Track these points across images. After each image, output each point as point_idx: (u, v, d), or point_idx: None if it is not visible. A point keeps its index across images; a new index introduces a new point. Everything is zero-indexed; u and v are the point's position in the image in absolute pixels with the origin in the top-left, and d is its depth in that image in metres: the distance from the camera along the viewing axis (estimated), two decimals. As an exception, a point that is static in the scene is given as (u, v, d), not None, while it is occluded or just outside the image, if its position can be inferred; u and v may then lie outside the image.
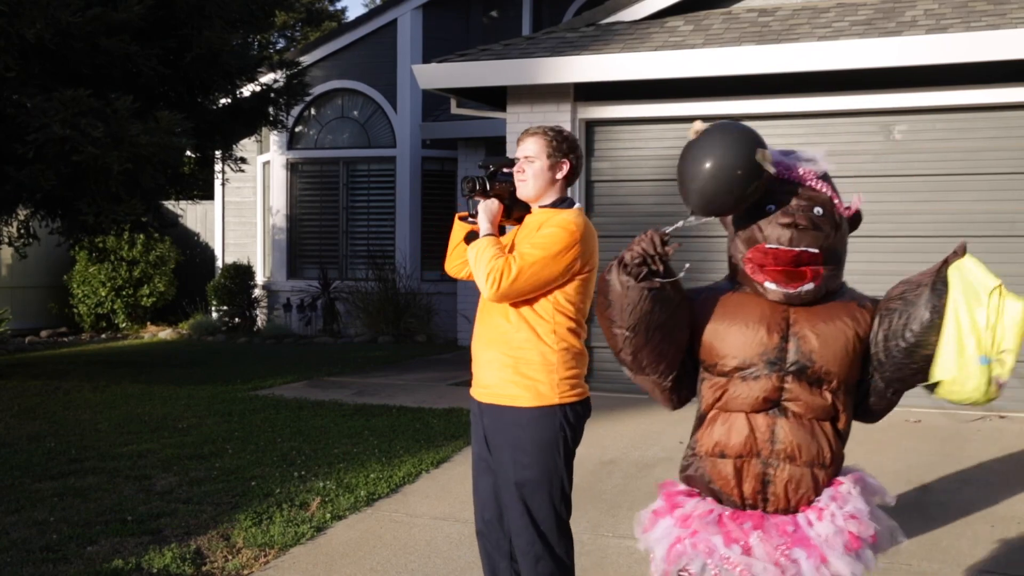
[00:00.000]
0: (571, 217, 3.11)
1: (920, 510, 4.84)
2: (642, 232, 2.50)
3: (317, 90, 12.99)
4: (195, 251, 15.35)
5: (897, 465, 5.64)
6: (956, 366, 2.42)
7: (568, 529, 3.18)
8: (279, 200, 13.64)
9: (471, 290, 7.74)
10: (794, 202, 2.52)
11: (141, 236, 13.10)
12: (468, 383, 3.30)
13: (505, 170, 3.25)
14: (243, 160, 11.06)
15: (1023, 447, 6.06)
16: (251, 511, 4.77)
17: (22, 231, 9.86)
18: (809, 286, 2.49)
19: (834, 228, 2.57)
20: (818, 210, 2.53)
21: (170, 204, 14.06)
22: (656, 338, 2.50)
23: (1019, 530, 4.52)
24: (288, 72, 11.08)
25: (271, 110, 10.92)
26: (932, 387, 2.50)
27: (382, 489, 5.20)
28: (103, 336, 13.70)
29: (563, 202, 3.20)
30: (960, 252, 2.55)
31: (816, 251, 2.48)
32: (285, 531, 4.49)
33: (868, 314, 2.57)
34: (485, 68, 8.11)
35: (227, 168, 11.06)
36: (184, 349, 11.98)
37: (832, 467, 2.57)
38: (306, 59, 12.94)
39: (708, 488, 2.56)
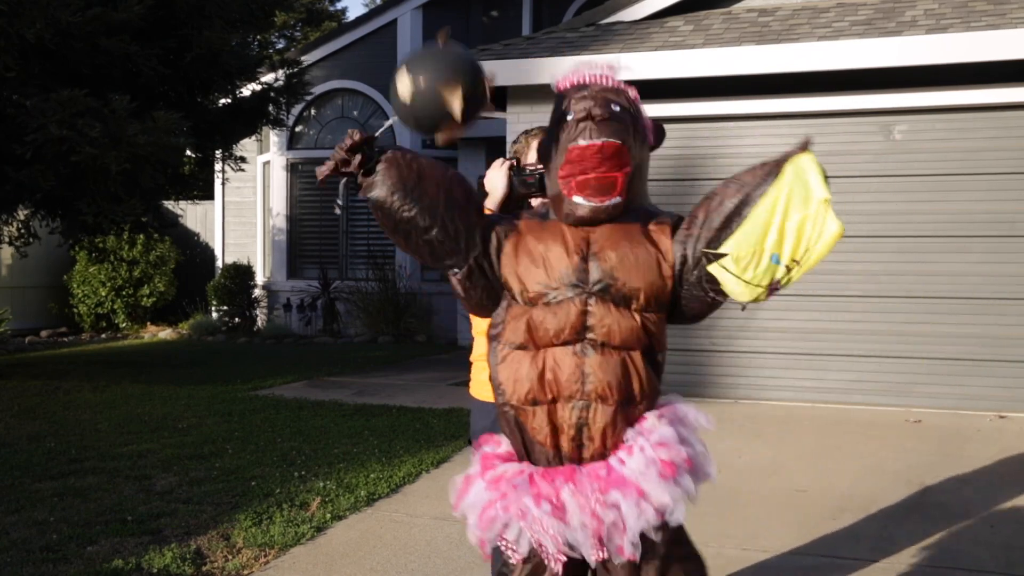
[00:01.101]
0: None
1: (920, 510, 4.84)
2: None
3: (317, 90, 12.99)
4: (195, 251, 15.35)
5: (897, 465, 5.64)
6: (750, 247, 2.32)
7: None
8: (279, 200, 13.64)
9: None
10: (589, 101, 2.42)
11: (141, 236, 13.10)
12: (466, 383, 3.30)
13: (531, 169, 3.11)
14: (243, 160, 11.06)
15: (1023, 447, 6.06)
16: (251, 511, 4.77)
17: (22, 231, 9.86)
18: (616, 200, 2.41)
19: (634, 124, 2.48)
20: (615, 105, 2.43)
21: (170, 204, 14.05)
22: (418, 220, 2.41)
23: (1019, 530, 4.52)
24: (288, 72, 11.07)
25: (271, 110, 10.92)
26: (717, 257, 2.38)
27: (382, 489, 5.20)
28: (103, 336, 13.70)
29: None
30: (804, 147, 2.41)
31: (619, 142, 2.39)
32: (285, 531, 4.49)
33: (667, 227, 2.49)
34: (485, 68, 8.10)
35: (227, 168, 11.06)
36: (184, 349, 11.98)
37: (647, 402, 2.43)
38: (306, 59, 12.93)
39: (523, 436, 2.44)
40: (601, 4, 9.20)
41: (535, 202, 3.11)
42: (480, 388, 3.19)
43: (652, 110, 8.21)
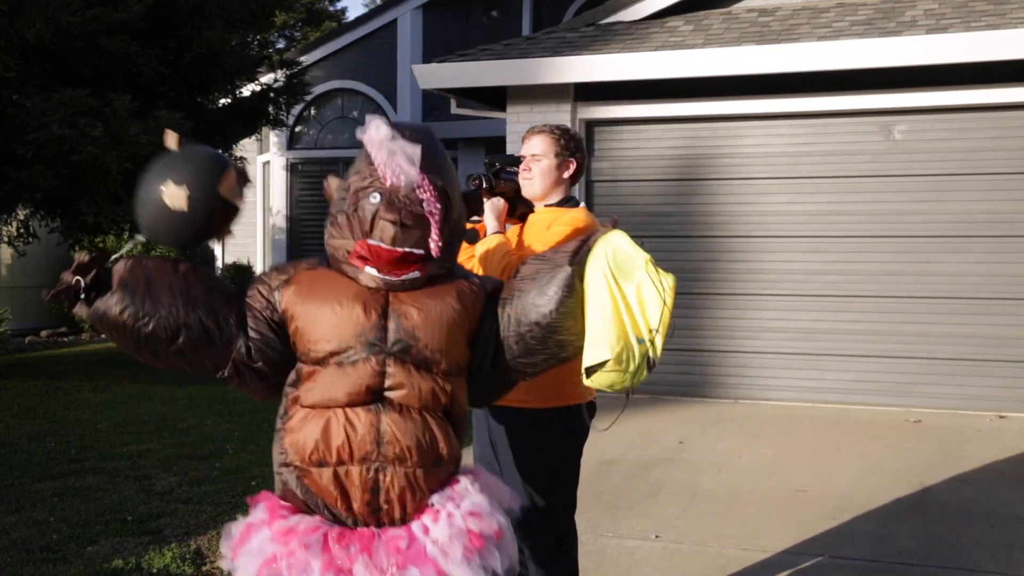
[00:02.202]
0: (579, 216, 3.11)
1: (920, 510, 4.84)
2: None
3: (317, 90, 12.99)
4: (195, 251, 15.34)
5: (897, 465, 5.64)
6: (619, 343, 2.24)
7: (574, 528, 3.19)
8: (279, 200, 13.64)
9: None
10: (402, 193, 2.20)
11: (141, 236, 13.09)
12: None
13: (510, 168, 3.23)
14: (243, 160, 11.05)
15: (1023, 447, 6.06)
16: (251, 511, 4.76)
17: (22, 231, 9.86)
18: (414, 274, 2.23)
19: (449, 220, 2.26)
20: (429, 201, 2.23)
21: (170, 204, 14.02)
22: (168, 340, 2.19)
23: (1019, 530, 4.52)
24: (288, 72, 11.08)
25: (271, 110, 10.91)
26: (588, 371, 2.29)
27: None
28: (103, 336, 13.67)
29: (568, 201, 3.20)
30: (611, 225, 2.36)
31: (422, 252, 2.21)
32: (285, 531, 4.48)
33: (479, 294, 2.33)
34: (485, 68, 8.11)
35: (227, 168, 11.04)
36: (184, 349, 11.96)
37: (449, 465, 2.27)
38: (306, 59, 12.94)
39: (312, 502, 2.22)
40: (601, 4, 9.20)
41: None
42: None
43: (652, 110, 8.22)
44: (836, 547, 4.34)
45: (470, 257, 3.33)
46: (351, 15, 41.31)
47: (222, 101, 10.45)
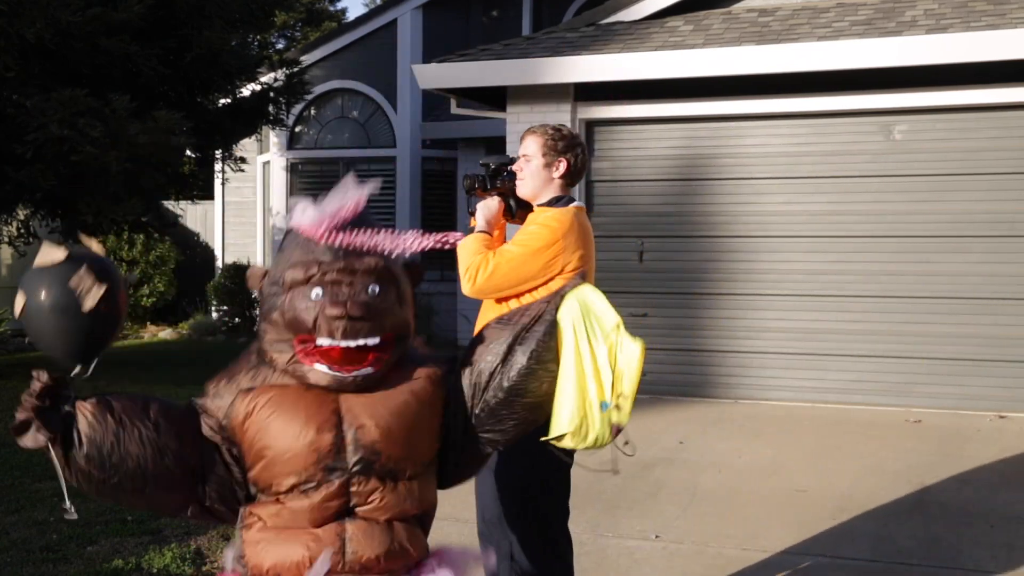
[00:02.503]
0: (556, 215, 3.09)
1: (920, 510, 4.84)
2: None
3: (317, 90, 12.98)
4: (195, 251, 15.34)
5: (897, 465, 5.64)
6: (578, 415, 2.15)
7: (568, 534, 3.19)
8: (279, 200, 13.63)
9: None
10: (344, 284, 2.04)
11: (141, 236, 13.10)
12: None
13: (509, 168, 3.25)
14: (243, 160, 11.05)
15: (1023, 447, 6.06)
16: (251, 511, 4.76)
17: (22, 231, 9.86)
18: (368, 370, 2.06)
19: (399, 300, 2.13)
20: (374, 288, 2.07)
21: (170, 204, 14.05)
22: (136, 485, 2.05)
23: (1019, 530, 4.52)
24: (288, 72, 11.07)
25: (271, 110, 10.91)
26: (551, 437, 2.22)
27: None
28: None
29: (559, 200, 3.19)
30: (581, 279, 2.28)
31: (377, 340, 2.05)
32: (285, 531, 4.49)
33: (436, 378, 2.19)
34: (485, 68, 8.11)
35: (227, 168, 11.06)
36: (184, 349, 11.98)
37: (416, 566, 2.15)
38: (306, 59, 12.93)
39: None
40: (601, 4, 9.20)
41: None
42: None
43: (652, 110, 8.21)
44: (836, 547, 4.34)
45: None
46: (351, 15, 41.32)
47: (222, 101, 10.45)
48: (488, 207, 3.19)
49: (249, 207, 14.48)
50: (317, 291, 2.04)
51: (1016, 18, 6.94)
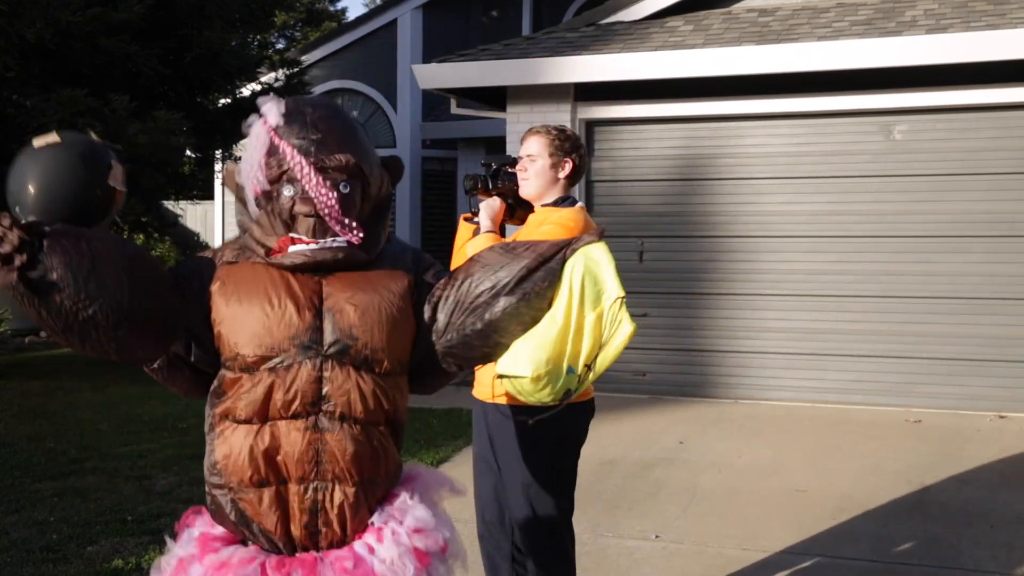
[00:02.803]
0: (570, 215, 3.10)
1: (920, 510, 4.84)
2: None
3: (317, 90, 12.99)
4: (195, 251, 15.28)
5: (897, 465, 5.64)
6: (544, 368, 2.06)
7: (572, 528, 3.19)
8: (279, 200, 13.64)
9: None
10: (315, 181, 2.02)
11: (141, 236, 13.08)
12: (468, 383, 3.30)
13: (509, 169, 3.25)
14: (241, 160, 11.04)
15: (1023, 447, 6.07)
16: (251, 511, 4.76)
17: (22, 231, 9.85)
18: (343, 241, 2.05)
19: (365, 195, 2.10)
20: (344, 184, 2.04)
21: (170, 204, 14.05)
22: (106, 329, 1.91)
23: (1019, 530, 4.52)
24: (288, 72, 11.08)
25: (271, 110, 10.91)
26: (501, 375, 2.13)
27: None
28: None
29: (564, 201, 3.19)
30: (598, 235, 2.13)
31: (344, 243, 2.05)
32: (285, 531, 4.49)
33: (414, 275, 2.15)
34: (485, 68, 8.11)
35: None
36: (184, 349, 11.97)
37: (392, 478, 2.12)
38: (306, 59, 12.94)
39: (246, 527, 2.04)
40: (601, 4, 9.20)
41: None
42: (482, 388, 3.19)
43: (652, 110, 8.21)
44: (836, 547, 4.34)
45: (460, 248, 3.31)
46: (351, 15, 41.34)
47: (222, 101, 10.45)
48: (491, 207, 3.20)
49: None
50: (289, 189, 2.02)
51: (1016, 18, 6.94)
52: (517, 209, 3.25)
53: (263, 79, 11.02)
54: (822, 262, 7.59)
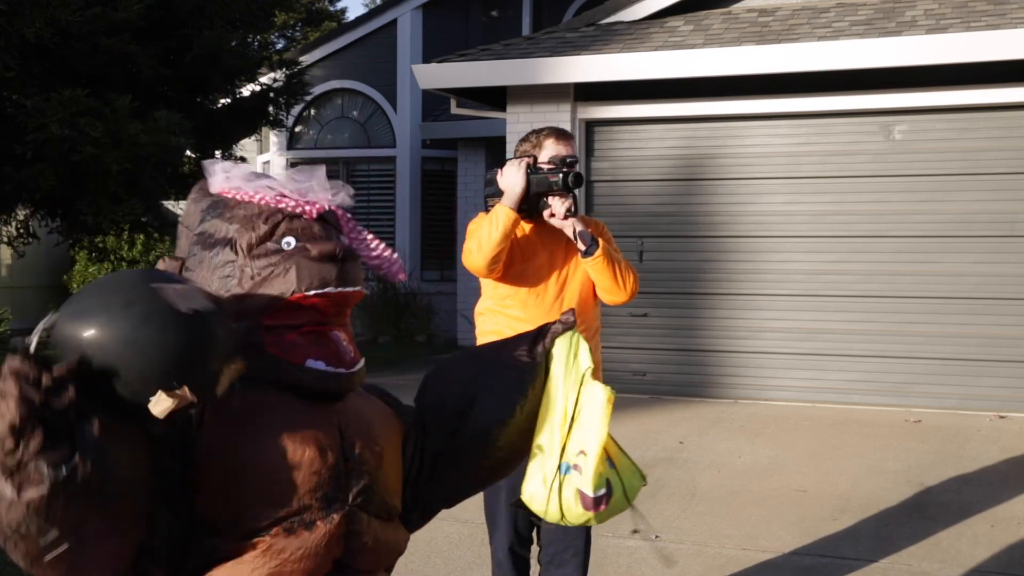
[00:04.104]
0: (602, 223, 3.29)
1: (920, 510, 4.84)
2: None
3: (317, 90, 12.99)
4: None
5: (897, 465, 5.64)
6: (542, 482, 1.76)
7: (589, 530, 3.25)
8: (279, 200, 13.63)
9: (470, 290, 7.75)
10: (314, 229, 1.60)
11: (141, 236, 13.08)
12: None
13: (547, 167, 3.04)
14: (243, 160, 11.05)
15: (1023, 447, 6.06)
16: (251, 511, 4.76)
17: (22, 231, 9.86)
18: (362, 363, 1.65)
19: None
20: (341, 237, 1.67)
21: (170, 204, 14.05)
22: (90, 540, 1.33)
23: (1019, 530, 4.52)
24: (288, 72, 11.08)
25: (271, 110, 10.92)
26: (519, 501, 1.84)
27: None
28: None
29: None
30: (568, 323, 1.85)
31: (364, 290, 1.65)
32: (285, 531, 4.48)
33: (388, 400, 1.81)
34: (485, 68, 8.11)
35: (227, 168, 11.05)
36: (184, 349, 11.96)
37: None
38: (306, 59, 12.93)
39: None
40: (601, 4, 9.20)
41: (555, 205, 3.02)
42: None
43: (652, 110, 8.22)
44: (836, 547, 4.34)
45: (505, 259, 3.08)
46: (351, 15, 41.34)
47: (222, 101, 10.45)
48: (517, 185, 2.98)
49: (249, 207, 14.47)
50: (289, 240, 1.58)
51: (1016, 18, 6.93)
52: (522, 207, 3.10)
53: (263, 79, 11.02)
54: (822, 262, 7.59)
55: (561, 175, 2.97)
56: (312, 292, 1.55)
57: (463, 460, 1.81)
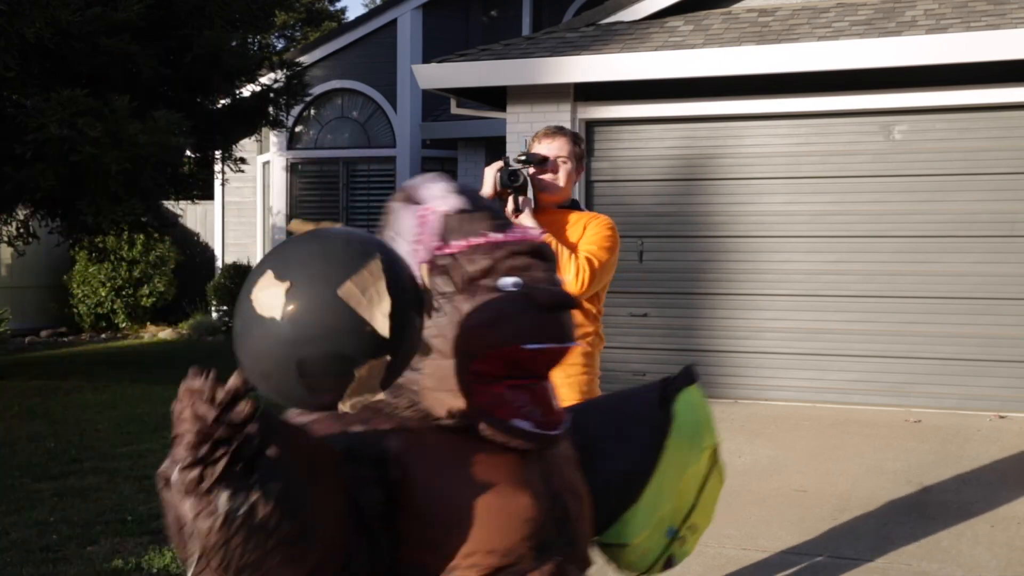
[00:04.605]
0: (607, 218, 3.25)
1: (920, 510, 4.84)
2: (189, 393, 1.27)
3: (317, 90, 12.99)
4: (195, 251, 15.34)
5: (897, 465, 5.64)
6: (646, 530, 1.75)
7: None
8: (279, 200, 13.64)
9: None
10: (534, 267, 1.46)
11: (141, 236, 13.09)
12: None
13: (532, 170, 3.15)
14: (243, 160, 11.06)
15: (1023, 447, 6.06)
16: (251, 511, 4.76)
17: (22, 231, 9.86)
18: (568, 421, 1.53)
19: None
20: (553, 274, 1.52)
21: (170, 204, 14.06)
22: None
23: (1019, 530, 4.52)
24: (288, 72, 11.08)
25: (271, 110, 10.92)
26: (609, 539, 1.79)
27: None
28: (103, 336, 13.70)
29: (576, 203, 3.32)
30: (692, 377, 1.84)
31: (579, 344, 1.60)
32: (285, 531, 4.48)
33: None
34: (485, 68, 8.11)
35: (227, 168, 11.06)
36: (184, 349, 11.98)
37: None
38: (306, 59, 12.93)
39: None
40: (601, 4, 9.20)
41: (508, 203, 3.09)
42: None
43: (652, 110, 8.21)
44: (836, 547, 4.34)
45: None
46: (351, 15, 41.33)
47: (222, 101, 10.45)
48: (485, 184, 3.10)
49: (249, 207, 14.48)
50: (509, 280, 1.43)
51: (1016, 18, 6.93)
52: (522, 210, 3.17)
53: (263, 79, 11.02)
54: (822, 262, 7.59)
55: (521, 177, 3.09)
56: (531, 346, 1.40)
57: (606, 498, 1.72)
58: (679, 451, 1.75)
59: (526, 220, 3.06)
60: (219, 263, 14.48)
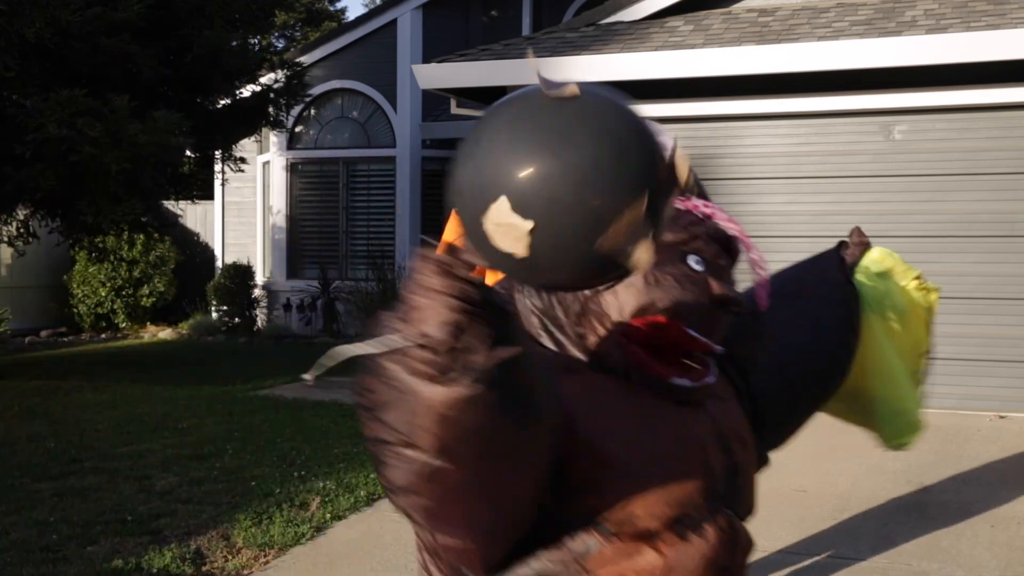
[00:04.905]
0: None
1: (920, 510, 4.84)
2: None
3: (317, 90, 12.99)
4: (195, 251, 15.34)
5: (897, 465, 5.64)
6: (910, 396, 1.76)
7: None
8: (279, 200, 13.64)
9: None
10: (713, 255, 1.49)
11: (141, 236, 13.10)
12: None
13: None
14: (243, 160, 11.05)
15: (1023, 447, 6.06)
16: (251, 511, 4.77)
17: (22, 231, 9.86)
18: (715, 370, 1.50)
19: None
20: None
21: (170, 204, 14.06)
22: (491, 475, 1.17)
23: (1019, 530, 4.52)
24: (288, 72, 11.08)
25: (271, 110, 10.92)
26: (899, 441, 1.88)
27: (382, 489, 5.19)
28: (103, 336, 13.70)
29: None
30: (859, 240, 1.82)
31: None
32: (285, 531, 4.49)
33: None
34: (485, 68, 8.11)
35: (227, 168, 11.06)
36: (184, 349, 11.98)
37: None
38: (306, 59, 12.93)
39: None
40: (601, 4, 9.20)
41: None
42: None
43: (652, 110, 8.26)
44: (836, 547, 4.34)
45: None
46: (351, 15, 41.34)
47: (222, 102, 10.45)
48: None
49: (249, 207, 14.48)
50: (694, 259, 1.42)
51: (1016, 18, 6.94)
52: None
53: (263, 79, 11.03)
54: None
55: None
56: (691, 332, 1.38)
57: (805, 397, 1.71)
58: (880, 320, 1.75)
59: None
60: (219, 263, 14.48)
